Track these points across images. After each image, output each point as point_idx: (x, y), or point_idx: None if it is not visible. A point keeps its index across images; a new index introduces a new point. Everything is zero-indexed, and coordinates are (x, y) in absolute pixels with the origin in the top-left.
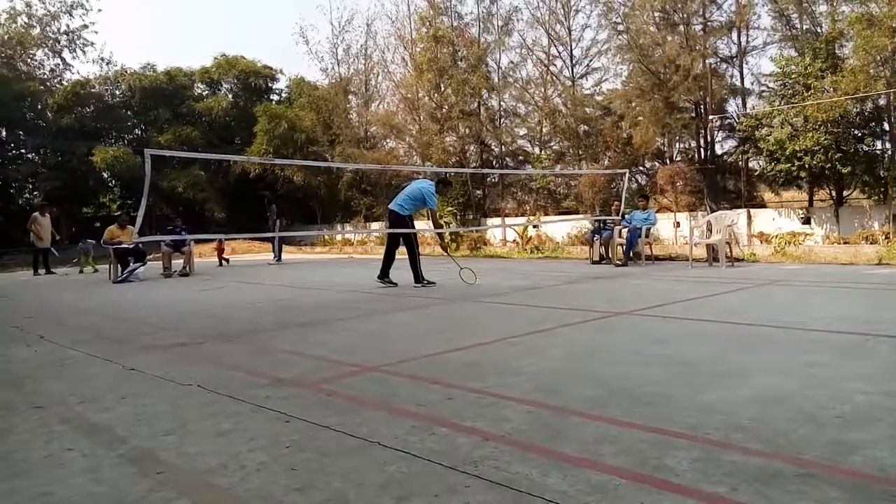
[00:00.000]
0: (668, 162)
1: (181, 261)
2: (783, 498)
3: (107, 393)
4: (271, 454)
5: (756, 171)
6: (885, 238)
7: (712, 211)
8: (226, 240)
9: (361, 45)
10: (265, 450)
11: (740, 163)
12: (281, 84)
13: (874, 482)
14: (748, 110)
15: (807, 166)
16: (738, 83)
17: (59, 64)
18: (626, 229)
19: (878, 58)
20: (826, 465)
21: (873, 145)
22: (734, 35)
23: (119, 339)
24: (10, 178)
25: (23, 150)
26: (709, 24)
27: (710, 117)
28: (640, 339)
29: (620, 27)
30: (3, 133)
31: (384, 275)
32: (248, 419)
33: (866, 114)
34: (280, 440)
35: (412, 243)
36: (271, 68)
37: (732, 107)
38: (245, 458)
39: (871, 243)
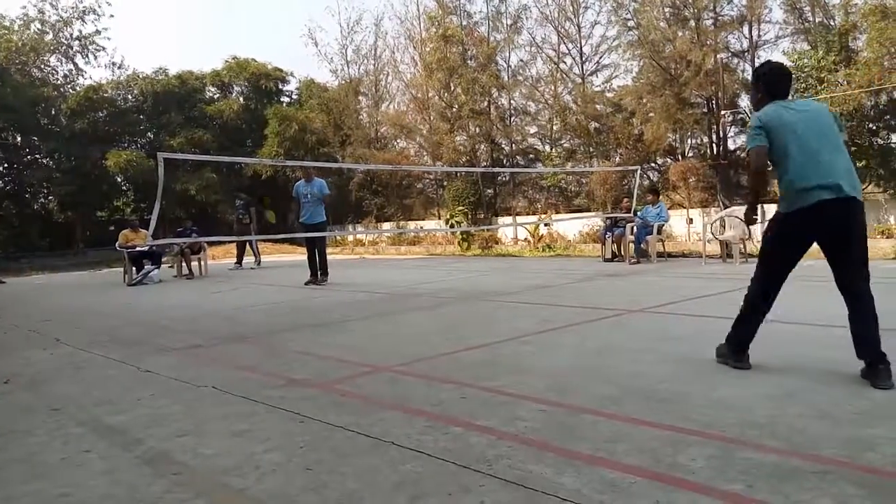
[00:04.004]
0: (680, 158)
1: (195, 264)
2: (800, 495)
3: (123, 395)
4: (286, 454)
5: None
6: None
7: (725, 207)
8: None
9: (371, 46)
10: (280, 450)
11: None
12: (291, 86)
13: (892, 478)
14: None
15: None
16: (750, 77)
17: (72, 69)
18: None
19: (893, 50)
20: (843, 462)
21: (888, 139)
22: (745, 29)
23: (134, 342)
24: (24, 183)
25: (37, 156)
26: (720, 18)
27: (723, 112)
28: (654, 336)
29: (630, 23)
30: (18, 138)
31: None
32: (263, 420)
33: (881, 107)
34: (294, 440)
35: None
36: (282, 70)
37: (745, 101)
38: (260, 459)
39: (887, 238)
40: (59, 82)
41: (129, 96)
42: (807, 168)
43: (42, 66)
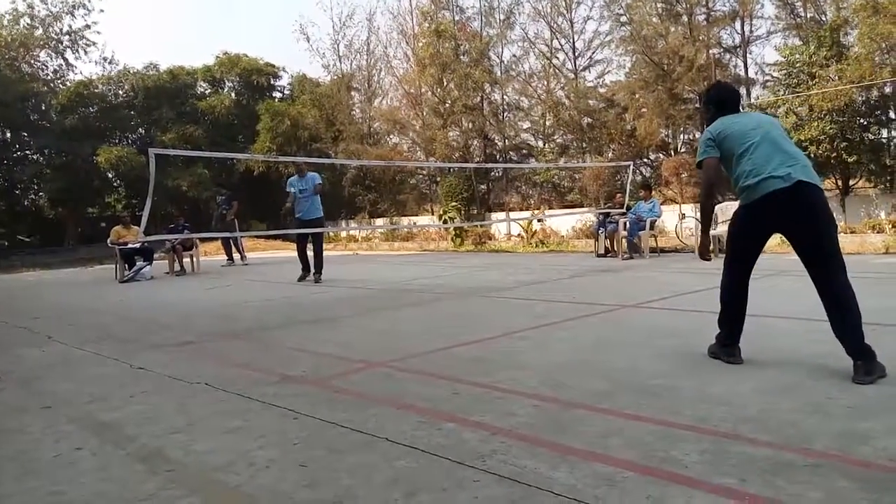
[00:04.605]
0: (672, 153)
1: (187, 260)
2: (792, 488)
3: (115, 392)
4: (280, 451)
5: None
6: (892, 227)
7: (718, 202)
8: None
9: (363, 41)
10: (274, 447)
11: None
12: (283, 81)
13: (884, 472)
14: (752, 100)
15: (812, 156)
16: (742, 73)
17: (62, 65)
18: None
19: (884, 45)
20: (836, 455)
21: (879, 134)
22: (737, 25)
23: (127, 339)
24: (15, 180)
25: (27, 152)
26: (712, 13)
27: None
28: (647, 331)
29: (623, 18)
30: (8, 135)
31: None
32: (257, 416)
33: (872, 102)
34: (288, 437)
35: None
36: (273, 66)
37: None
38: (254, 456)
39: (878, 232)
40: (49, 78)
41: (120, 92)
42: (759, 163)
43: (32, 62)
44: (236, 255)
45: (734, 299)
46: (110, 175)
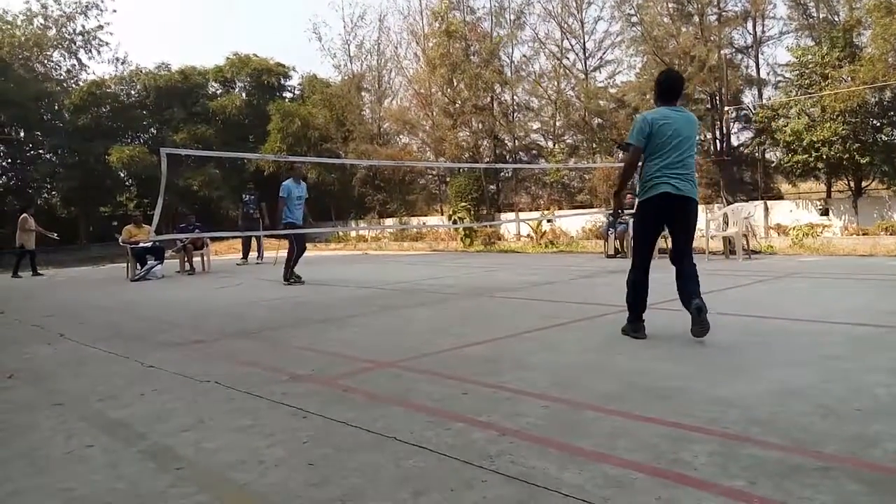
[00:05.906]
0: None
1: (198, 259)
2: (802, 491)
3: (126, 390)
4: (289, 450)
5: (773, 162)
6: None
7: (729, 203)
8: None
9: (374, 41)
10: (283, 445)
11: (757, 154)
12: (294, 81)
13: (895, 475)
14: (764, 101)
15: (824, 157)
16: (753, 74)
17: (75, 64)
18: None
19: None
20: (846, 459)
21: (892, 135)
22: (749, 25)
23: (138, 337)
24: (28, 179)
25: (40, 151)
26: (723, 14)
27: (726, 108)
28: (656, 332)
29: (634, 19)
30: (22, 134)
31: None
32: (266, 415)
33: (885, 103)
34: (297, 436)
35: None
36: (284, 66)
37: (748, 98)
38: (263, 454)
39: (891, 234)
40: (62, 77)
41: (132, 91)
42: (667, 169)
43: (45, 62)
44: (252, 254)
45: (636, 281)
46: (122, 174)
